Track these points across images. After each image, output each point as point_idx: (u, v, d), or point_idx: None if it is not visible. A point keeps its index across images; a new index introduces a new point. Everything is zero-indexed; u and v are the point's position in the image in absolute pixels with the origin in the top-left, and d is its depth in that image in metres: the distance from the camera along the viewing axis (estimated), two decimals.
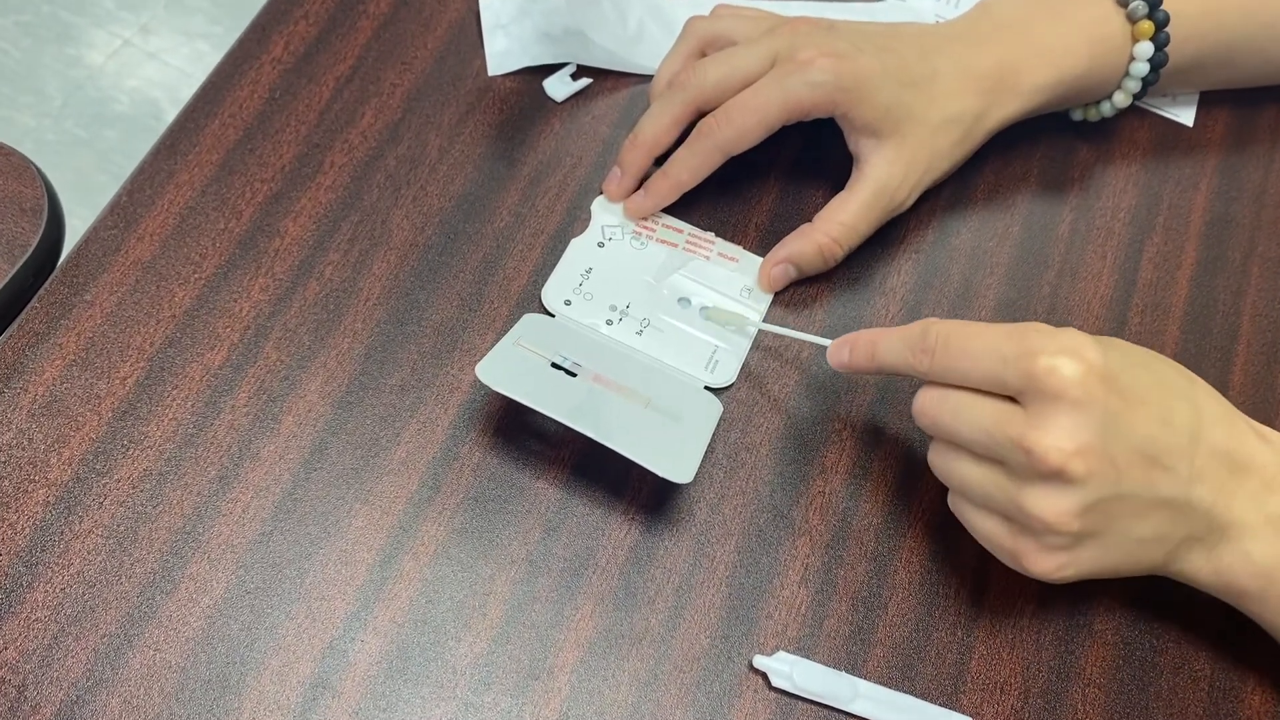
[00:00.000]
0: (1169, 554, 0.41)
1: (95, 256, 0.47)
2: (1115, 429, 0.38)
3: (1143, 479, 0.39)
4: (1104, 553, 0.40)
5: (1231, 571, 0.41)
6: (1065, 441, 0.37)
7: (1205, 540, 0.41)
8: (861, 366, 0.44)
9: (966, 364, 0.39)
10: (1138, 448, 0.38)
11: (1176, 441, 0.39)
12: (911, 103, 0.48)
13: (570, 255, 0.50)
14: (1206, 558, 0.41)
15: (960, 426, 0.40)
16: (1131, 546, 0.40)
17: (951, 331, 0.40)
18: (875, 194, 0.49)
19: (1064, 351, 0.38)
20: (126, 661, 0.40)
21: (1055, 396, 0.37)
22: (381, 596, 0.42)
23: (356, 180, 0.51)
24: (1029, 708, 0.43)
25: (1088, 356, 0.38)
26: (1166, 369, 0.41)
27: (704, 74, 0.48)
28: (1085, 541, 0.39)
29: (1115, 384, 0.38)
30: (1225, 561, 0.41)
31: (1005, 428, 0.38)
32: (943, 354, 0.40)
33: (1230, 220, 0.56)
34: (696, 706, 0.42)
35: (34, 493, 0.42)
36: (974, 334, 0.40)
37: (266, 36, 0.54)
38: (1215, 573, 0.41)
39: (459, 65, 0.55)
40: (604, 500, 0.45)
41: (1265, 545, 0.40)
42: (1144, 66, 0.52)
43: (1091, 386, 0.37)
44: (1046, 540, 0.39)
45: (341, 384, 0.46)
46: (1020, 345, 0.38)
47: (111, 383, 0.45)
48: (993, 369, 0.39)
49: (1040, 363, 0.37)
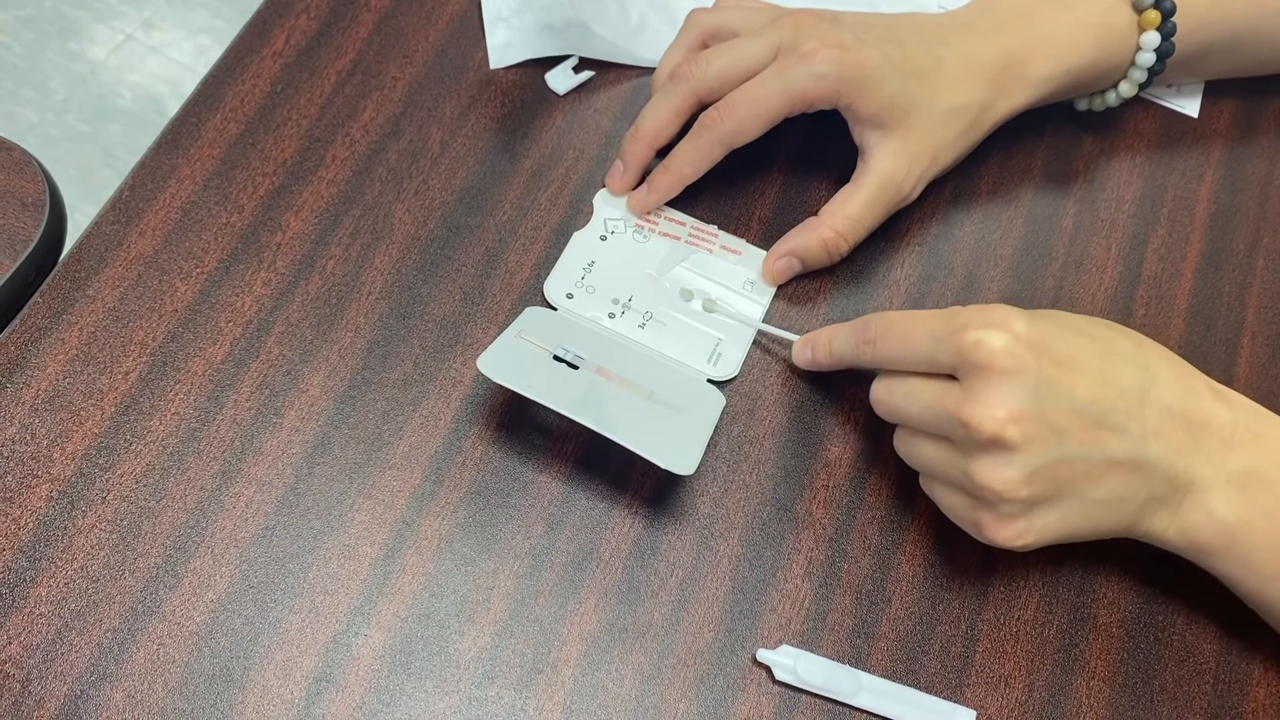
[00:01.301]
0: (1132, 516, 0.41)
1: (97, 251, 0.47)
2: (1050, 394, 0.39)
3: (1088, 440, 0.39)
4: (1062, 517, 0.40)
5: (1196, 530, 0.41)
6: (997, 410, 0.38)
7: (1168, 500, 0.41)
8: (822, 363, 0.46)
9: (903, 348, 0.42)
10: (1078, 410, 0.39)
11: (1123, 403, 0.40)
12: (916, 94, 0.48)
13: (572, 248, 0.50)
14: (1171, 518, 0.42)
15: (909, 409, 0.42)
16: (1091, 509, 0.41)
17: (891, 320, 0.43)
18: (880, 187, 0.49)
19: (991, 325, 0.39)
20: (130, 656, 0.40)
21: (985, 368, 0.39)
22: (384, 591, 0.42)
23: (358, 174, 0.51)
24: (1033, 700, 0.43)
25: (1014, 328, 0.39)
26: (1111, 334, 0.42)
27: (706, 66, 0.48)
28: (1040, 507, 0.40)
29: (1048, 352, 0.39)
30: (1190, 520, 0.41)
31: (944, 404, 0.40)
32: (882, 342, 0.42)
33: (1235, 212, 0.56)
34: (700, 700, 0.41)
35: (37, 488, 0.42)
36: (909, 320, 0.42)
37: (268, 30, 0.54)
38: (1180, 532, 0.42)
39: (460, 58, 0.55)
40: (607, 494, 0.45)
41: (1227, 502, 0.41)
42: (1150, 56, 0.52)
43: (1020, 355, 0.39)
44: (1001, 509, 0.40)
45: (344, 378, 0.46)
46: (949, 324, 0.40)
47: (114, 378, 0.45)
48: (927, 350, 0.40)
49: (968, 337, 0.39)
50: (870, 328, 0.43)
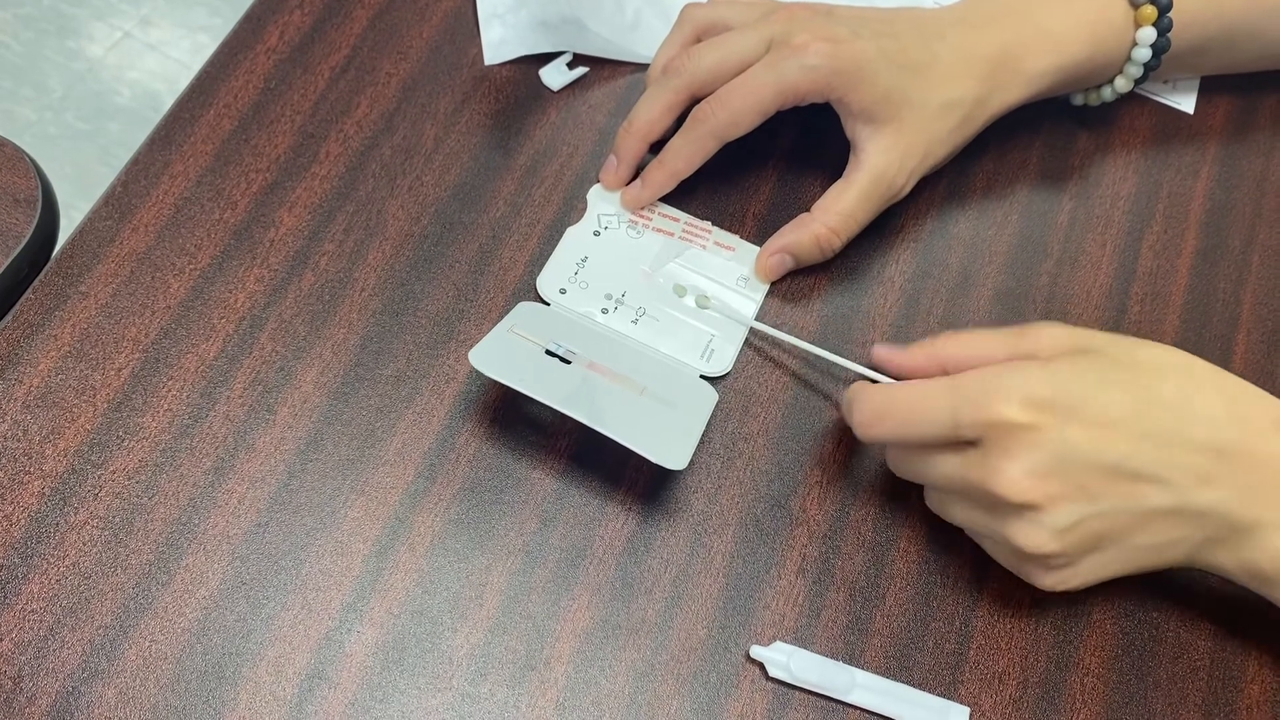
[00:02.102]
0: (1188, 555, 0.41)
1: (90, 248, 0.47)
2: (1075, 455, 0.39)
3: (1123, 494, 0.39)
4: (1107, 563, 0.41)
5: (1257, 563, 0.41)
6: (1020, 477, 0.39)
7: (1228, 541, 0.41)
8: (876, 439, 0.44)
9: (916, 429, 0.41)
10: (1109, 468, 0.39)
11: (1163, 454, 0.39)
12: (909, 87, 0.48)
13: (566, 244, 0.50)
14: (1232, 554, 0.41)
15: (931, 478, 0.42)
16: (1138, 554, 0.41)
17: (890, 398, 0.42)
18: (873, 182, 0.48)
19: (1010, 394, 0.39)
20: (122, 653, 0.40)
21: (1007, 439, 0.39)
22: (377, 588, 0.42)
23: (352, 170, 0.51)
24: (1027, 697, 0.43)
25: (1036, 392, 0.39)
26: (1154, 378, 0.40)
27: (698, 59, 0.48)
28: (1081, 558, 0.41)
29: (1075, 413, 0.39)
30: (1250, 555, 0.41)
31: (966, 474, 0.40)
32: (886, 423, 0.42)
33: (1231, 208, 0.56)
34: (694, 697, 0.41)
35: (29, 484, 0.42)
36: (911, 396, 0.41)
37: (261, 26, 0.54)
38: (1240, 565, 0.41)
39: (455, 54, 0.55)
40: (601, 491, 0.45)
41: None
42: (1146, 52, 0.52)
43: (1043, 423, 0.39)
44: (1039, 563, 0.41)
45: (337, 375, 0.46)
46: (967, 397, 0.40)
47: (106, 374, 0.45)
48: (944, 427, 0.40)
49: (990, 413, 0.39)
50: (865, 407, 0.42)
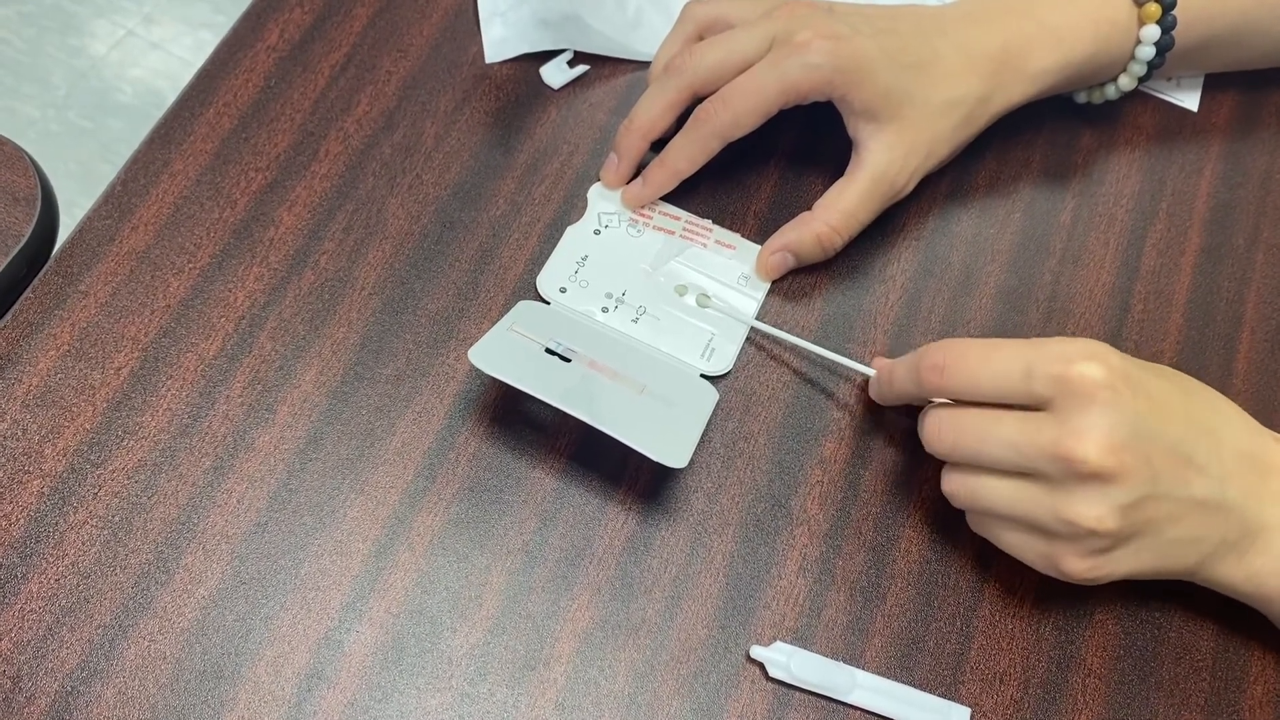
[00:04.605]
0: (1203, 557, 0.41)
1: (89, 246, 0.47)
2: (1147, 428, 0.38)
3: (1178, 478, 0.39)
4: (1138, 555, 0.40)
5: (1262, 575, 0.41)
6: (1102, 441, 0.38)
7: (1238, 545, 0.41)
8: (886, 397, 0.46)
9: (988, 376, 0.40)
10: (1170, 447, 0.39)
11: (1205, 442, 0.40)
12: (911, 85, 0.48)
13: (566, 243, 0.49)
14: (1238, 562, 0.41)
15: (984, 444, 0.40)
16: (1166, 549, 0.40)
17: (966, 346, 0.41)
18: (874, 180, 0.48)
19: (1090, 356, 0.38)
20: (121, 652, 0.40)
21: (1087, 400, 0.38)
22: (377, 587, 0.42)
23: (352, 169, 0.50)
24: (1029, 698, 0.43)
25: (1111, 361, 0.38)
26: (1180, 376, 0.42)
27: (700, 58, 0.48)
28: (1122, 544, 0.40)
29: (1141, 387, 0.39)
30: (1256, 565, 0.41)
31: (1036, 437, 0.38)
32: (957, 368, 0.40)
33: (1235, 206, 0.56)
34: (694, 697, 0.41)
35: (28, 483, 0.42)
36: (989, 346, 0.41)
37: (261, 24, 0.54)
38: (1247, 577, 0.41)
39: (455, 52, 0.54)
40: (601, 490, 0.45)
41: None
42: (1150, 50, 0.52)
43: (1120, 388, 0.38)
44: (1085, 544, 0.39)
45: (336, 374, 0.46)
46: (1044, 352, 0.39)
47: (106, 373, 0.45)
48: (1017, 379, 0.39)
49: (1074, 368, 0.38)
50: (938, 353, 0.41)
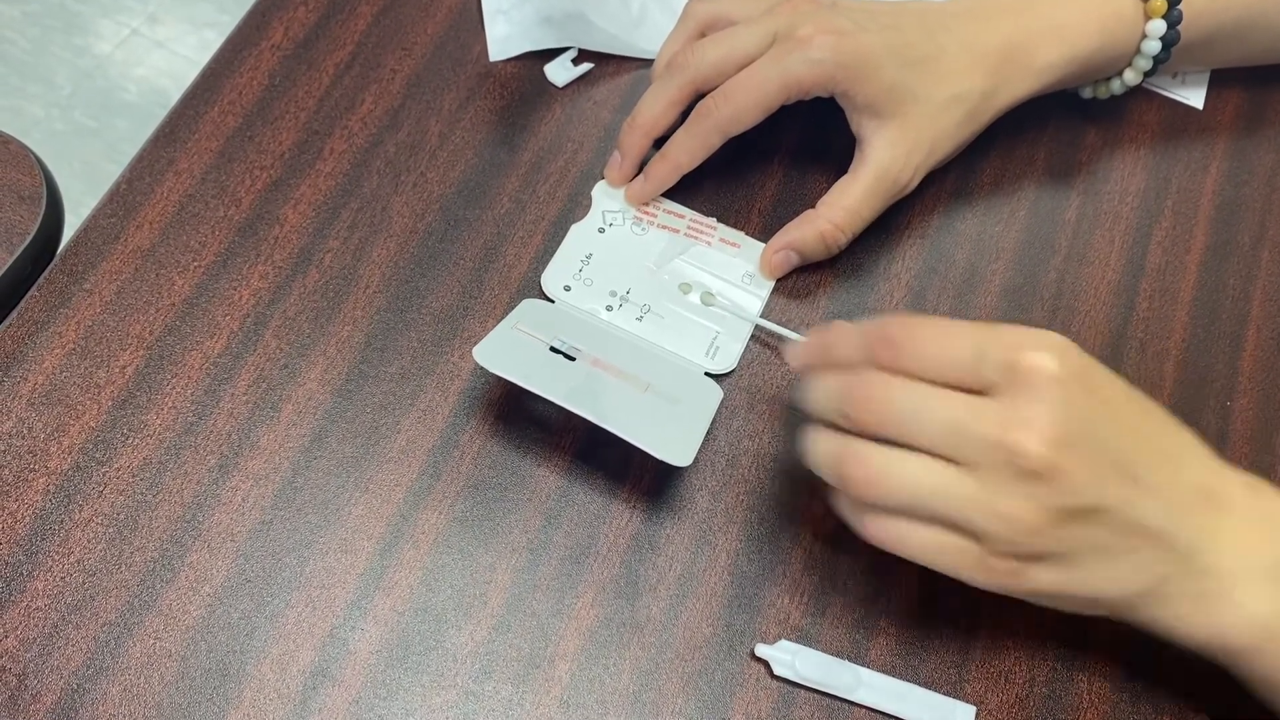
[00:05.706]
0: (1139, 595, 0.38)
1: (94, 244, 0.47)
2: (1096, 433, 0.36)
3: (1122, 495, 0.36)
4: (1065, 571, 0.37)
5: (1226, 627, 0.38)
6: (1047, 435, 0.35)
7: (1187, 591, 0.37)
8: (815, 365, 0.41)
9: (938, 353, 0.37)
10: (1119, 460, 0.36)
11: (1159, 464, 0.37)
12: (915, 81, 0.48)
13: (570, 241, 0.49)
14: (1195, 612, 0.38)
15: (920, 422, 0.36)
16: (1097, 572, 0.37)
17: (918, 322, 0.38)
18: (878, 177, 0.48)
19: (1047, 347, 0.36)
20: (127, 650, 0.40)
21: (1033, 390, 0.35)
22: (382, 585, 0.42)
23: (356, 167, 0.50)
24: (1033, 696, 0.43)
25: (1069, 356, 0.36)
26: (1148, 399, 0.39)
27: (702, 54, 0.48)
28: (1049, 555, 0.37)
29: (1097, 390, 0.37)
30: (1222, 619, 0.38)
31: (977, 421, 0.36)
32: (909, 344, 0.37)
33: (1240, 204, 0.56)
34: (698, 695, 0.41)
35: (34, 481, 0.42)
36: (943, 325, 0.38)
37: (266, 22, 0.54)
38: (1211, 634, 0.38)
39: (459, 50, 0.54)
40: (605, 488, 0.45)
41: (1259, 597, 0.37)
42: (1155, 45, 0.52)
43: (1070, 385, 0.36)
44: (1007, 545, 0.36)
45: (341, 372, 0.46)
46: (999, 338, 0.37)
47: (111, 371, 0.45)
48: (967, 359, 0.36)
49: (1025, 357, 0.36)
50: (890, 326, 0.38)
